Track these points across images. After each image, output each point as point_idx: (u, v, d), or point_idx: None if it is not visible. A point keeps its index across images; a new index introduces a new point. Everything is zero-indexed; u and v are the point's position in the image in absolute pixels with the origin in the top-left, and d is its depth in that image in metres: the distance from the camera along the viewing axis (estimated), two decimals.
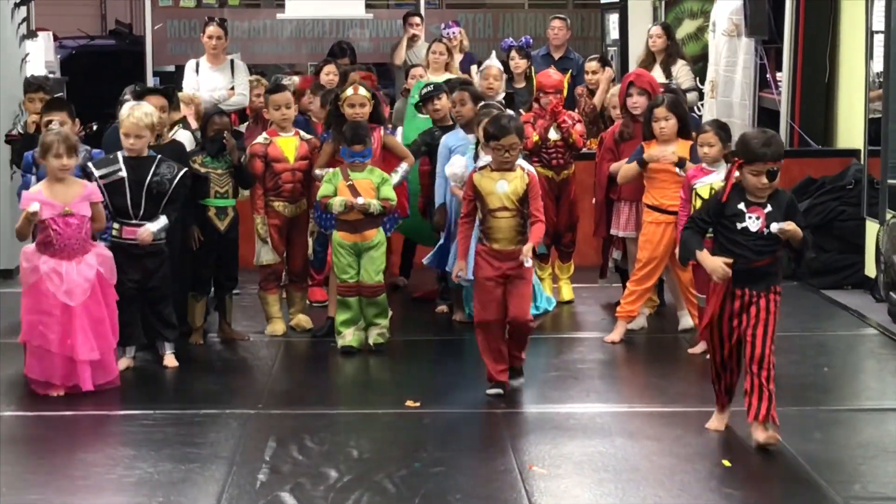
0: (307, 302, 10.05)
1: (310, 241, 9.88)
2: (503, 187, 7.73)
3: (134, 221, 8.40)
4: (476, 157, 9.07)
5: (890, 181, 10.88)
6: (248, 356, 9.25)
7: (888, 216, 10.66)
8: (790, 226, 6.72)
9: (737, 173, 6.87)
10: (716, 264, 6.77)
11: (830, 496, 6.23)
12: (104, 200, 8.19)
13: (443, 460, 6.82)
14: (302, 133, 9.60)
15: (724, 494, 6.32)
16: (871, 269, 11.07)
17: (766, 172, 6.68)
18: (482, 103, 9.73)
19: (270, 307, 9.68)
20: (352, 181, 8.87)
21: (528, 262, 7.72)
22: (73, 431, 7.43)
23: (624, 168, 9.39)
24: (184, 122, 9.95)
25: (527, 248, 7.69)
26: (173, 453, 6.99)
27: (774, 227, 6.70)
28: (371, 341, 9.03)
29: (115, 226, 8.45)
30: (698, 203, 8.70)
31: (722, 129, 8.88)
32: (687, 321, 9.47)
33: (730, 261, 6.76)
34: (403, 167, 9.54)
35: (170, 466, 6.77)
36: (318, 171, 9.30)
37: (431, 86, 10.45)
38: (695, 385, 8.28)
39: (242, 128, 11.55)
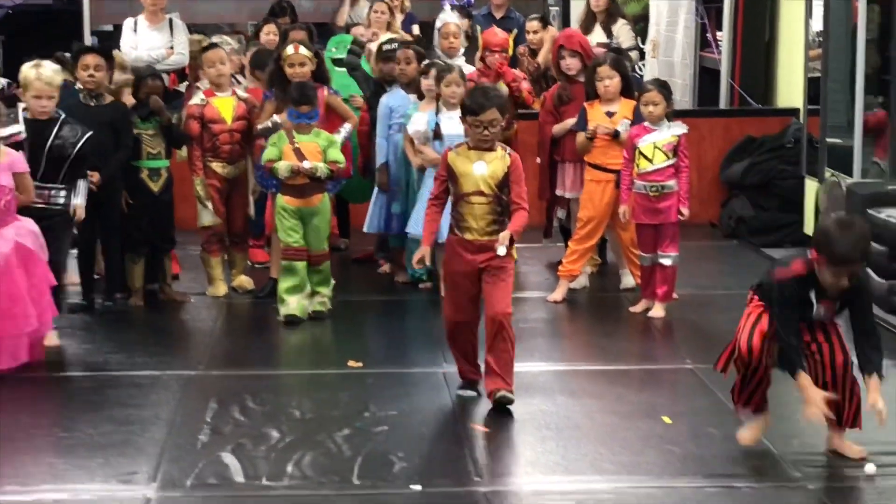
0: (248, 263, 10.00)
1: (251, 200, 9.78)
2: (481, 168, 6.83)
3: (35, 183, 7.90)
4: (437, 112, 9.12)
5: (829, 140, 10.93)
6: (190, 318, 9.19)
7: (827, 175, 10.72)
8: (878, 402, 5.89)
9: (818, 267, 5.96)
10: (814, 395, 5.89)
11: (770, 451, 6.26)
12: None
13: (385, 420, 6.81)
14: (239, 92, 9.51)
15: (665, 451, 6.34)
16: (810, 228, 11.12)
17: (850, 276, 5.83)
18: (426, 61, 9.70)
19: (212, 269, 9.61)
20: (297, 144, 8.67)
21: (502, 251, 6.74)
22: (11, 394, 7.35)
23: (578, 142, 9.38)
24: None
25: (503, 236, 6.75)
26: (113, 415, 6.94)
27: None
28: (311, 309, 8.83)
29: None
30: (642, 162, 8.74)
31: (664, 87, 8.92)
32: (628, 280, 9.50)
33: (831, 397, 5.98)
34: (346, 128, 9.48)
35: (110, 428, 6.72)
36: (259, 126, 9.21)
37: (395, 43, 10.38)
38: (636, 343, 8.32)
39: (182, 87, 11.44)
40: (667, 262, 8.84)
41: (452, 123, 9.21)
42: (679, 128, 8.82)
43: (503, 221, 6.84)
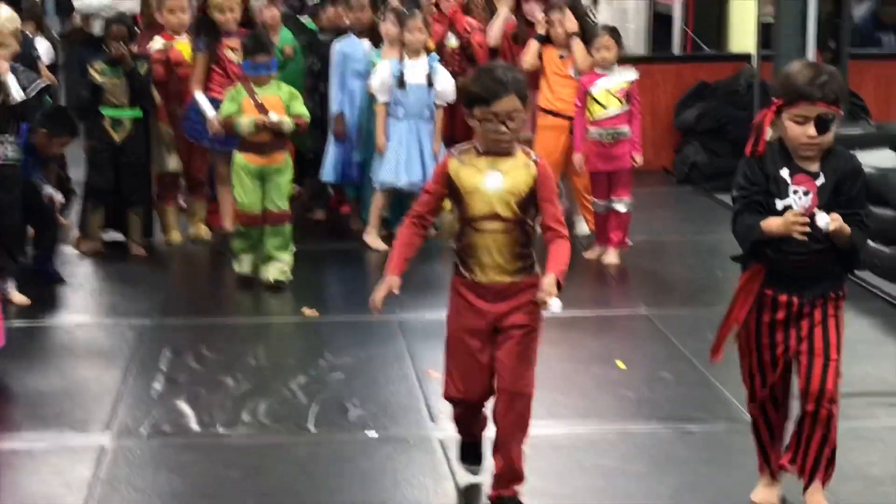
0: (209, 228, 9.76)
1: None
2: (496, 182, 4.79)
3: None
4: (401, 60, 9.07)
5: None
6: (145, 267, 9.12)
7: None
8: (836, 224, 4.52)
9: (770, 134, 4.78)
10: (781, 220, 4.58)
11: (723, 395, 6.29)
12: None
13: (340, 367, 6.80)
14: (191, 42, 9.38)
15: (619, 396, 6.36)
16: None
17: (816, 120, 4.53)
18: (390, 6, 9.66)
19: (168, 217, 9.54)
20: (259, 98, 8.20)
21: (557, 306, 4.72)
22: None
23: (527, 53, 9.40)
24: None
25: (549, 283, 4.69)
26: (68, 364, 6.92)
27: (820, 220, 4.53)
28: (271, 277, 8.23)
29: None
30: (595, 108, 8.73)
31: (615, 32, 8.92)
32: (582, 227, 9.50)
33: (800, 215, 4.57)
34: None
35: (64, 378, 6.70)
36: (199, 98, 8.95)
37: None
38: (589, 289, 8.32)
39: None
40: (621, 208, 8.84)
41: (416, 72, 9.23)
42: (630, 73, 8.82)
43: (529, 255, 4.91)
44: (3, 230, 7.74)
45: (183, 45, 9.27)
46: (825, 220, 4.50)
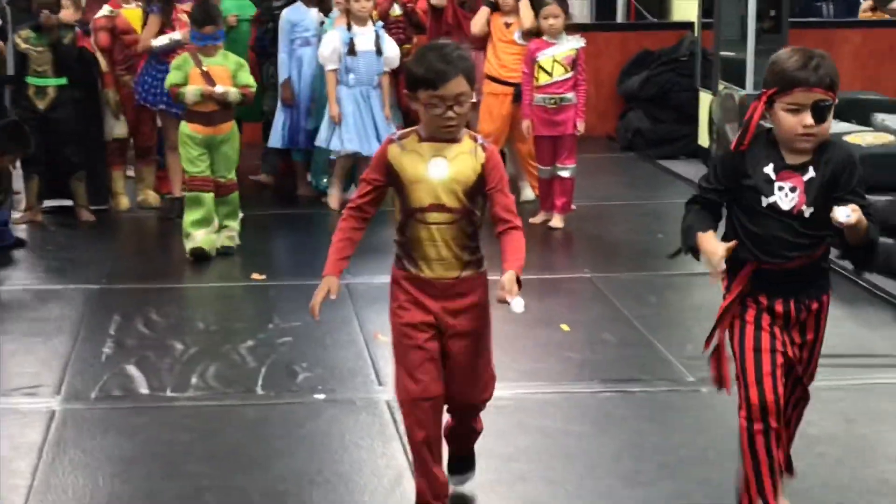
0: (160, 193, 9.77)
1: None
2: (440, 170, 4.29)
3: None
4: (349, 28, 9.05)
5: (722, 53, 10.99)
6: (93, 232, 9.10)
7: (720, 87, 10.79)
8: (857, 215, 3.89)
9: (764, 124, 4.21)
10: (712, 248, 4.09)
11: (664, 356, 6.34)
12: None
13: (289, 331, 6.79)
14: (144, 5, 9.31)
15: (563, 358, 6.39)
16: (704, 139, 11.22)
17: (813, 107, 3.98)
18: None
19: (116, 182, 9.51)
20: (206, 68, 8.05)
21: (519, 308, 4.16)
22: None
23: (476, 18, 9.44)
24: None
25: (509, 281, 4.18)
26: (15, 328, 6.88)
27: (840, 213, 3.87)
28: (219, 244, 8.25)
29: None
30: (541, 75, 8.75)
31: (562, 1, 8.92)
32: (528, 192, 9.53)
33: (732, 244, 4.09)
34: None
35: (12, 342, 6.66)
36: (155, 43, 9.00)
37: None
38: (536, 254, 8.32)
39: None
40: (565, 173, 8.87)
41: (365, 40, 9.24)
42: (577, 41, 8.84)
43: (477, 248, 4.44)
44: None
45: (130, 13, 9.20)
46: (845, 214, 3.86)
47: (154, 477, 5.05)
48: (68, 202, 9.31)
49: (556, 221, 8.90)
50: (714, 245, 4.07)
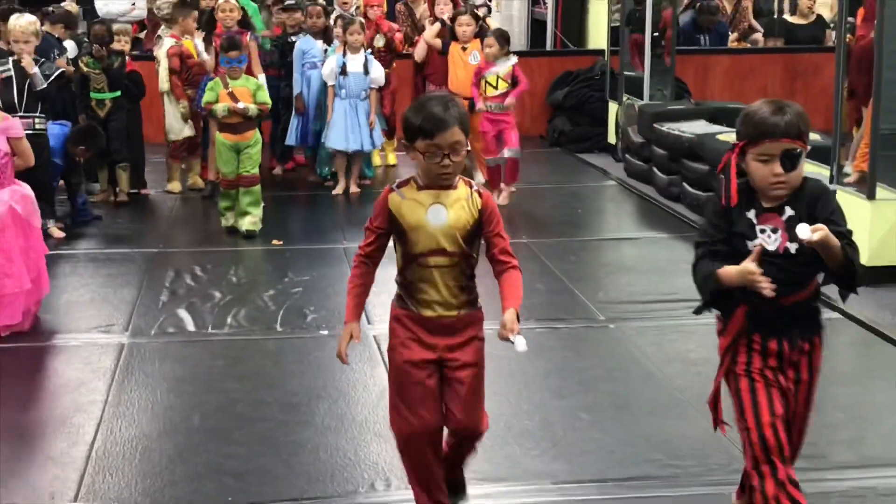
0: (203, 180, 9.59)
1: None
2: (439, 217, 3.52)
3: (20, 113, 7.39)
4: (343, 55, 9.05)
5: (626, 73, 10.99)
6: (153, 208, 9.03)
7: (624, 98, 10.79)
8: (820, 231, 3.12)
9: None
10: (738, 268, 3.27)
11: (582, 301, 6.35)
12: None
13: (300, 283, 6.77)
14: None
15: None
16: (612, 138, 11.22)
17: (783, 156, 3.25)
18: (334, 14, 9.61)
19: (173, 171, 9.49)
20: (231, 89, 7.92)
21: (522, 346, 3.37)
22: None
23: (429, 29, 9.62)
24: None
25: (510, 320, 3.45)
26: (94, 282, 6.84)
27: (801, 230, 3.13)
28: (244, 228, 7.91)
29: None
30: (487, 90, 8.74)
31: (502, 35, 8.95)
32: (479, 177, 9.47)
33: (757, 251, 3.27)
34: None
35: (92, 291, 6.64)
36: (206, 56, 9.02)
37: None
38: None
39: (142, 34, 11.13)
40: (509, 153, 8.83)
41: (355, 63, 9.27)
42: (511, 59, 8.86)
43: (473, 288, 3.64)
44: (39, 185, 7.31)
45: (188, 43, 9.23)
46: (806, 231, 3.10)
47: (199, 392, 5.05)
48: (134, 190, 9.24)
49: (503, 199, 8.82)
50: (738, 266, 3.26)
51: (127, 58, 9.02)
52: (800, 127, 3.26)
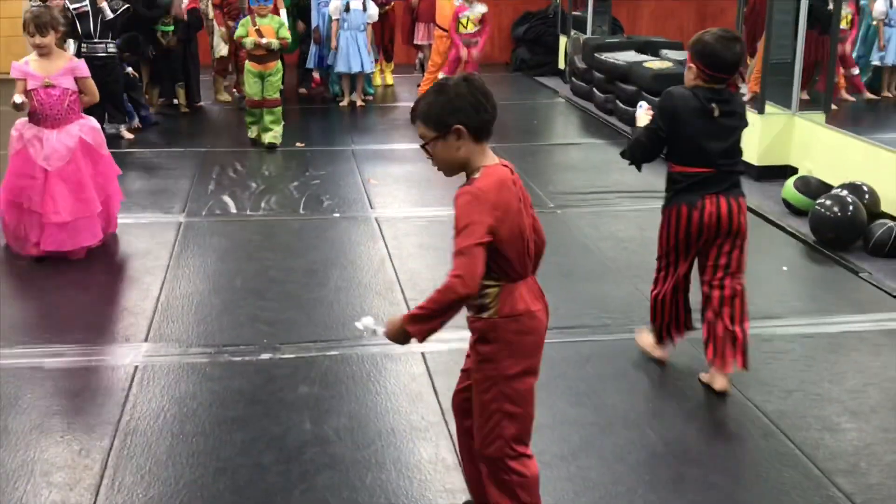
0: (235, 90, 9.47)
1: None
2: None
3: (95, 40, 7.35)
4: None
5: (574, 13, 10.76)
6: (205, 117, 8.86)
7: (572, 33, 10.57)
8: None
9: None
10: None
11: (536, 191, 6.25)
12: (87, 75, 5.14)
13: (318, 177, 6.69)
14: None
15: None
16: (562, 65, 11.03)
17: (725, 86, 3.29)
18: None
19: (219, 84, 9.37)
20: (258, 26, 7.45)
21: (361, 324, 2.59)
22: None
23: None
24: None
25: (390, 318, 2.51)
26: (158, 174, 6.75)
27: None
28: (266, 141, 7.54)
29: (84, 46, 7.38)
30: (461, 27, 8.61)
31: None
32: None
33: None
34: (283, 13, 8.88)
35: (157, 182, 6.53)
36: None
37: None
38: None
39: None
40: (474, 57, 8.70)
41: (356, 1, 9.01)
42: (482, 7, 8.66)
43: (484, 292, 2.47)
44: (111, 96, 7.48)
45: None
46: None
47: (240, 260, 5.02)
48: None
49: None
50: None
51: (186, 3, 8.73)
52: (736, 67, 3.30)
